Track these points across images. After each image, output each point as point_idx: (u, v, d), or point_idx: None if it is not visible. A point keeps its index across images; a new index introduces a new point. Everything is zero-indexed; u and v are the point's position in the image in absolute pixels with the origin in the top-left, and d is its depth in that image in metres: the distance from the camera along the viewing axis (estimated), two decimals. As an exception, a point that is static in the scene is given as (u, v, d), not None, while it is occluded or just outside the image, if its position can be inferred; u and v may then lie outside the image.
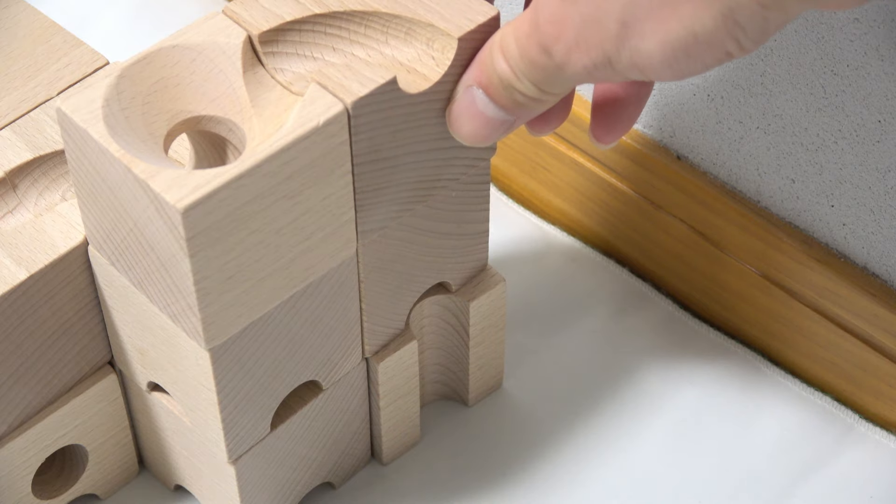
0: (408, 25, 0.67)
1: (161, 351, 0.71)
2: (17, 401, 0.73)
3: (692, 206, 0.87)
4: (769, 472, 0.83)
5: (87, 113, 0.64)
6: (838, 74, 0.76)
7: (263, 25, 0.67)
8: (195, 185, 0.61)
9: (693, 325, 0.90)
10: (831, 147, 0.79)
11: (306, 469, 0.79)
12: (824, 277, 0.83)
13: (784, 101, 0.80)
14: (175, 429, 0.76)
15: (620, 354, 0.88)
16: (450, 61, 0.67)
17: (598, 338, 0.89)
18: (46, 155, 0.73)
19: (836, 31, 0.75)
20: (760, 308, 0.87)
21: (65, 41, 0.78)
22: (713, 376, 0.88)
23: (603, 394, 0.86)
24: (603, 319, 0.90)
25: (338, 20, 0.67)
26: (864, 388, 0.85)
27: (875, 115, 0.76)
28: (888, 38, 0.73)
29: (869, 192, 0.79)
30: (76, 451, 0.79)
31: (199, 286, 0.64)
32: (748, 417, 0.86)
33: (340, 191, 0.67)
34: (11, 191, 0.72)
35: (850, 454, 0.84)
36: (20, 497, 0.77)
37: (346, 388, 0.77)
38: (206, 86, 0.66)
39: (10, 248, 0.70)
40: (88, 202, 0.67)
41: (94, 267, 0.71)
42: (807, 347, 0.86)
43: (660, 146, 0.88)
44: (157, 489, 0.82)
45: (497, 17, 0.68)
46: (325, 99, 0.65)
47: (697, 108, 0.84)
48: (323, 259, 0.69)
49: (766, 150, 0.83)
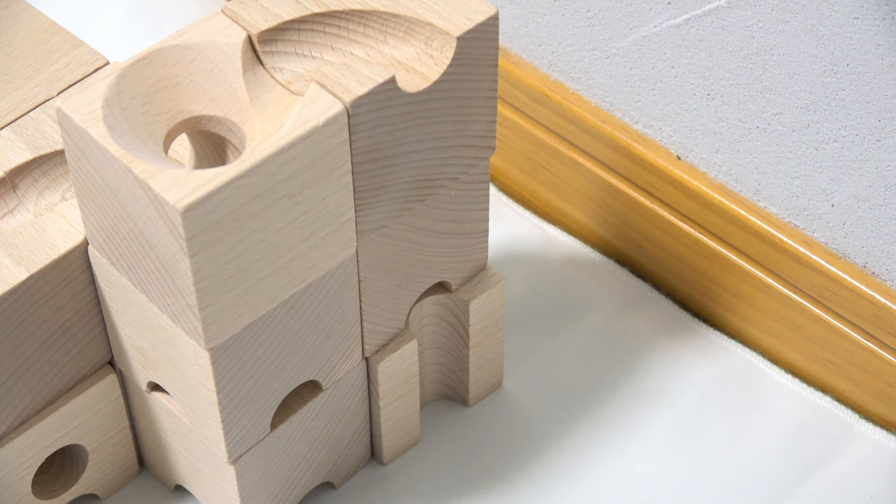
0: (406, 24, 0.67)
1: (161, 351, 0.71)
2: (17, 401, 0.73)
3: (692, 206, 0.87)
4: (769, 472, 0.83)
5: (87, 113, 0.64)
6: (838, 73, 0.76)
7: (262, 25, 0.67)
8: (195, 185, 0.61)
9: (693, 325, 0.90)
10: (831, 146, 0.79)
11: (306, 469, 0.79)
12: (824, 277, 0.83)
13: (784, 100, 0.80)
14: (175, 429, 0.76)
15: (620, 354, 0.88)
16: (449, 60, 0.67)
17: (598, 338, 0.89)
18: (46, 155, 0.73)
19: (835, 30, 0.75)
20: (760, 308, 0.87)
21: (65, 41, 0.78)
22: (713, 376, 0.88)
23: (603, 394, 0.86)
24: (603, 319, 0.90)
25: (337, 19, 0.67)
26: (864, 388, 0.85)
27: (875, 114, 0.76)
28: (888, 36, 0.73)
29: (869, 191, 0.79)
30: (76, 451, 0.79)
31: (199, 286, 0.64)
32: (748, 417, 0.86)
33: (340, 191, 0.67)
34: (11, 191, 0.72)
35: (850, 454, 0.84)
36: (20, 497, 0.77)
37: (345, 388, 0.77)
38: (205, 86, 0.66)
39: (10, 248, 0.70)
40: (88, 202, 0.67)
41: (94, 267, 0.71)
42: (807, 347, 0.86)
43: (660, 146, 0.88)
44: (157, 489, 0.82)
45: (496, 15, 0.68)
46: (324, 99, 0.65)
47: (697, 108, 0.84)
48: (323, 259, 0.69)
49: (765, 150, 0.83)
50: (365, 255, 0.71)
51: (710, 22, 0.80)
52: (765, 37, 0.78)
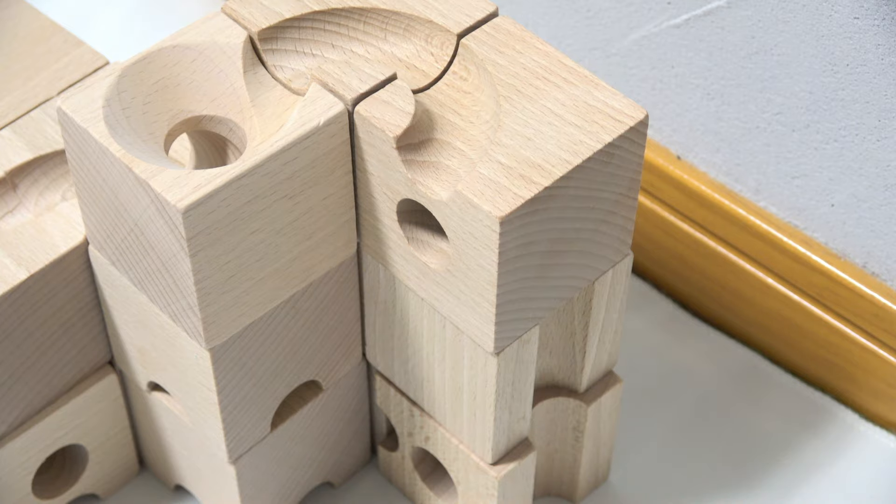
0: (406, 22, 0.67)
1: (161, 351, 0.71)
2: (17, 401, 0.73)
3: (692, 206, 0.87)
4: (769, 472, 0.83)
5: (88, 113, 0.64)
6: (838, 73, 0.76)
7: (263, 23, 0.67)
8: (196, 185, 0.61)
9: (693, 325, 0.90)
10: (831, 146, 0.79)
11: (306, 468, 0.79)
12: (824, 277, 0.83)
13: (784, 100, 0.80)
14: (175, 429, 0.76)
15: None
16: (448, 57, 0.67)
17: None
18: (46, 155, 0.73)
19: (835, 30, 0.75)
20: (760, 308, 0.87)
21: (65, 41, 0.78)
22: (713, 376, 0.88)
23: (603, 394, 0.86)
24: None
25: (336, 17, 0.67)
26: (864, 388, 0.85)
27: (875, 114, 0.76)
28: (888, 36, 0.73)
29: (869, 191, 0.79)
30: (76, 451, 0.79)
31: (200, 286, 0.64)
32: (748, 417, 0.86)
33: (340, 191, 0.67)
34: (11, 191, 0.72)
35: (850, 454, 0.84)
36: (20, 497, 0.77)
37: (346, 388, 0.77)
38: (206, 85, 0.66)
39: (10, 248, 0.70)
40: (89, 202, 0.67)
41: (95, 267, 0.71)
42: (807, 347, 0.86)
43: (660, 146, 0.88)
44: (157, 489, 0.82)
45: (495, 12, 0.68)
46: (325, 99, 0.65)
47: (697, 108, 0.84)
48: (323, 259, 0.69)
49: (765, 150, 0.83)
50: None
51: (710, 22, 0.80)
52: (765, 37, 0.78)
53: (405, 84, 0.65)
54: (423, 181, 0.63)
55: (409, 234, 0.67)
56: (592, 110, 0.64)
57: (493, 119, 0.64)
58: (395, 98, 0.64)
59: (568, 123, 0.64)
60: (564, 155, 0.63)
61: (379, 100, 0.64)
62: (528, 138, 0.63)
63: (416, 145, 0.64)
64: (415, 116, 0.64)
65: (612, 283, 0.70)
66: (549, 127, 0.64)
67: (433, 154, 0.64)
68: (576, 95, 0.65)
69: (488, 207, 0.61)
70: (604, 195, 0.65)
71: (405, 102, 0.64)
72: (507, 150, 0.63)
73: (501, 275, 0.63)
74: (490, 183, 0.62)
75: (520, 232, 0.62)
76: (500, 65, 0.66)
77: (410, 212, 0.66)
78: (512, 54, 0.66)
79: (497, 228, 0.61)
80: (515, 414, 0.71)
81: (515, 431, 0.72)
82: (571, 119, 0.64)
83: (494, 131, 0.64)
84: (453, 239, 0.64)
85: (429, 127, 0.65)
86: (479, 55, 0.66)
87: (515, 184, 0.62)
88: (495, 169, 0.62)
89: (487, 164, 0.62)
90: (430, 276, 0.66)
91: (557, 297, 0.68)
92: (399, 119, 0.64)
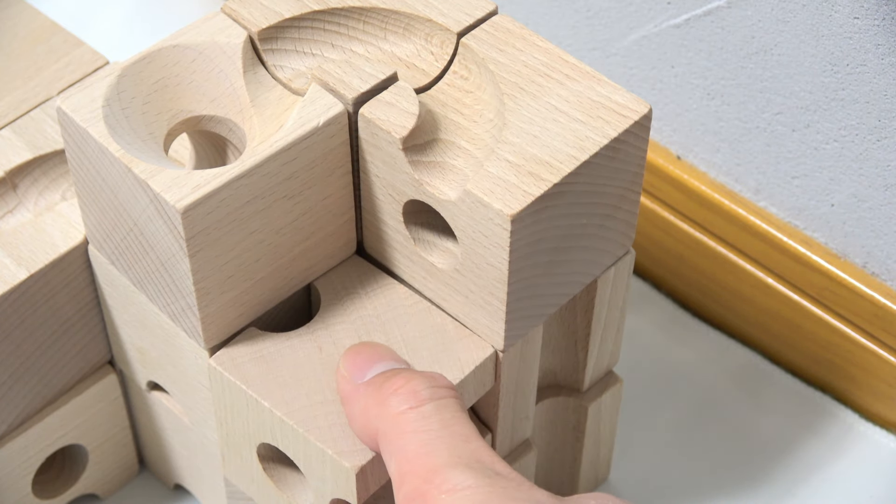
0: (406, 21, 0.67)
1: (161, 351, 0.71)
2: (17, 401, 0.73)
3: (692, 206, 0.87)
4: (769, 472, 0.83)
5: (88, 112, 0.64)
6: (838, 73, 0.76)
7: (262, 23, 0.67)
8: (195, 185, 0.61)
9: (693, 325, 0.90)
10: (831, 146, 0.79)
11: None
12: (824, 277, 0.83)
13: (784, 100, 0.80)
14: (175, 428, 0.76)
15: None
16: (449, 56, 0.67)
17: (598, 338, 0.89)
18: (46, 155, 0.72)
19: (835, 30, 0.75)
20: (760, 308, 0.87)
21: (65, 41, 0.78)
22: (713, 376, 0.88)
23: (603, 394, 0.86)
24: (603, 319, 0.90)
25: (336, 16, 0.67)
26: (864, 388, 0.85)
27: (875, 114, 0.76)
28: (888, 36, 0.73)
29: (869, 191, 0.79)
30: (76, 451, 0.79)
31: (199, 286, 0.64)
32: (748, 417, 0.86)
33: (340, 191, 0.67)
34: (11, 191, 0.72)
35: (850, 454, 0.84)
36: (20, 497, 0.77)
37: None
38: (206, 85, 0.66)
39: (10, 248, 0.70)
40: (88, 202, 0.67)
41: (94, 267, 0.71)
42: (807, 347, 0.86)
43: (660, 146, 0.88)
44: (157, 489, 0.82)
45: (495, 11, 0.68)
46: (325, 99, 0.65)
47: (697, 108, 0.84)
48: (323, 259, 0.69)
49: (765, 150, 0.83)
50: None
51: (710, 22, 0.80)
52: (765, 37, 0.78)
53: (408, 85, 0.65)
54: (431, 182, 0.63)
55: (414, 235, 0.67)
56: (596, 105, 0.64)
57: (497, 117, 0.64)
58: (399, 99, 0.64)
59: (573, 119, 0.64)
60: (571, 151, 0.63)
61: (383, 101, 0.64)
62: (535, 136, 0.63)
63: (422, 146, 0.64)
64: (419, 117, 0.64)
65: (615, 281, 0.70)
66: (555, 123, 0.64)
67: (438, 154, 0.64)
68: (579, 91, 0.65)
69: (499, 206, 0.61)
70: (609, 190, 0.65)
71: (409, 103, 0.64)
72: (514, 147, 0.63)
73: (512, 272, 0.63)
74: (499, 181, 0.62)
75: (530, 229, 0.62)
76: (502, 63, 0.66)
77: (415, 213, 0.66)
78: (513, 52, 0.66)
79: (508, 226, 0.61)
80: (519, 413, 0.71)
81: (518, 431, 0.72)
82: (576, 115, 0.64)
83: (500, 130, 0.64)
84: (462, 238, 0.63)
85: (433, 127, 0.65)
86: (479, 54, 0.66)
87: (524, 181, 0.62)
88: (503, 167, 0.62)
89: (495, 163, 0.62)
90: (438, 275, 0.66)
91: (563, 293, 0.68)
92: (404, 120, 0.64)
